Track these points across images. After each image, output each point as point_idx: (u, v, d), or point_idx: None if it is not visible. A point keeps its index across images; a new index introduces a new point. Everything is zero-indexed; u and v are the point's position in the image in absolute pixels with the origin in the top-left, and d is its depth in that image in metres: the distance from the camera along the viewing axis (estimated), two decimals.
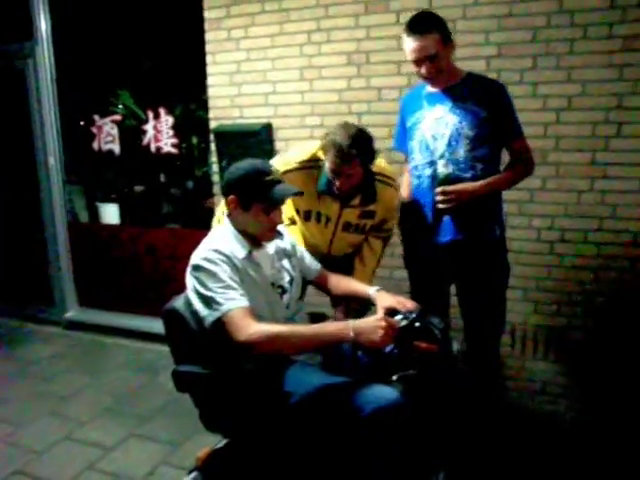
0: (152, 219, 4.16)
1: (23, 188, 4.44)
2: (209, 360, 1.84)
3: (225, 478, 1.99)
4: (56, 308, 4.41)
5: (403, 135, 2.39)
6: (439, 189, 2.15)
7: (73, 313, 4.39)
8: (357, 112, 3.08)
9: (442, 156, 2.19)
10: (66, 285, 4.40)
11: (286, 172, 2.20)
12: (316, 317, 2.26)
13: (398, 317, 1.82)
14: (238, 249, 1.85)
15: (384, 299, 2.01)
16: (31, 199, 4.37)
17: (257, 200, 1.84)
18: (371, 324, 1.68)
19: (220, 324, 1.72)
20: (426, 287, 2.31)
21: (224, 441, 2.09)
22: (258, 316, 1.81)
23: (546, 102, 2.78)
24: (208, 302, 1.75)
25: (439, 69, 2.14)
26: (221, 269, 1.77)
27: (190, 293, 1.84)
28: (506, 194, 2.87)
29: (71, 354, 3.97)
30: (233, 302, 1.72)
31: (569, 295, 2.90)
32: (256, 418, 1.80)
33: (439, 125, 2.20)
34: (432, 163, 2.22)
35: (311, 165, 2.27)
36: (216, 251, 1.80)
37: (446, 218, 2.23)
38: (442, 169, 2.17)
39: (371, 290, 2.12)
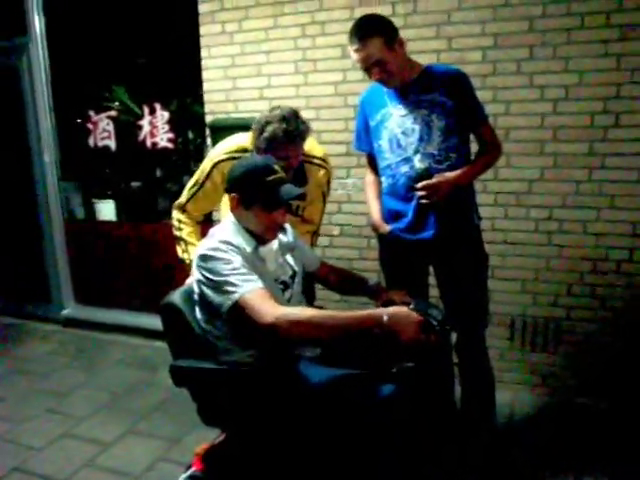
0: (149, 215, 4.13)
1: (19, 186, 4.41)
2: (207, 354, 1.83)
3: (223, 473, 1.98)
4: (53, 305, 4.40)
5: (365, 135, 2.36)
6: (421, 184, 2.12)
7: (70, 310, 4.37)
8: (353, 105, 3.06)
9: (417, 151, 2.16)
10: (63, 282, 4.38)
11: (217, 163, 2.22)
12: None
13: None
14: (245, 244, 1.82)
15: (384, 292, 2.02)
16: (27, 196, 4.34)
17: (258, 200, 1.80)
18: (405, 313, 1.57)
19: (238, 308, 1.62)
20: (406, 283, 2.28)
21: (222, 436, 2.08)
22: None
23: (543, 92, 2.77)
24: (223, 287, 1.66)
25: (389, 72, 2.11)
26: (233, 257, 1.71)
27: (199, 285, 1.77)
28: (504, 185, 2.90)
29: (68, 351, 3.95)
30: (251, 284, 1.64)
31: (568, 286, 2.89)
32: (255, 413, 1.79)
33: (407, 121, 2.18)
34: (407, 160, 2.19)
35: (239, 156, 2.22)
36: (225, 242, 1.75)
37: (429, 212, 2.20)
38: (419, 164, 2.14)
39: (370, 282, 2.12)
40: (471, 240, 2.32)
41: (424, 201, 2.15)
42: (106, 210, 4.24)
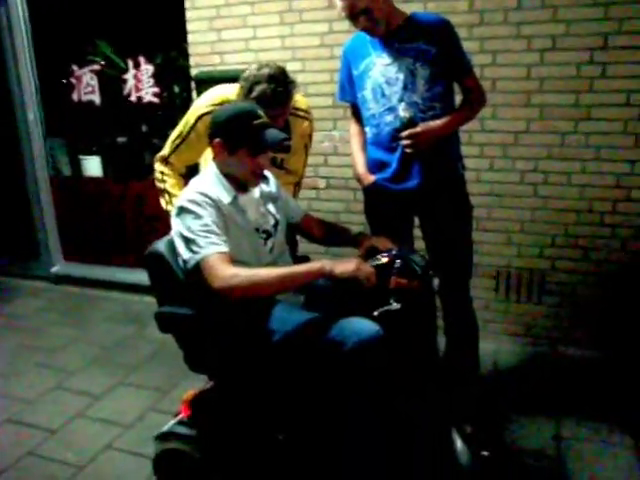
0: (135, 170, 4.10)
1: (3, 143, 4.36)
2: (191, 301, 1.85)
3: (210, 419, 2.02)
4: (42, 263, 4.39)
5: (349, 85, 2.34)
6: (405, 133, 2.11)
7: (59, 267, 4.37)
8: (339, 56, 2.96)
9: (401, 100, 2.14)
10: (51, 240, 4.37)
11: (202, 115, 2.18)
12: (300, 260, 2.28)
13: (379, 255, 1.84)
14: (223, 194, 1.83)
15: (366, 240, 2.03)
16: (12, 154, 4.29)
17: (243, 144, 1.81)
18: (345, 259, 1.73)
19: (199, 269, 1.71)
20: (392, 234, 2.30)
21: (210, 384, 2.12)
22: (242, 261, 1.81)
23: (530, 43, 2.74)
24: (190, 245, 1.74)
25: (375, 20, 2.08)
26: (206, 212, 1.76)
27: (174, 235, 1.82)
28: (490, 137, 2.90)
29: (58, 308, 3.98)
30: (214, 247, 1.71)
31: (552, 238, 2.92)
32: (239, 357, 1.82)
33: (391, 70, 2.15)
34: (392, 109, 2.17)
35: None
36: (202, 194, 1.78)
37: (413, 162, 2.20)
38: (403, 113, 2.11)
39: (354, 232, 2.14)
40: (456, 190, 2.32)
41: (409, 150, 2.14)
42: (92, 166, 4.20)
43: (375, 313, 1.71)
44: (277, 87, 2.00)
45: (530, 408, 2.55)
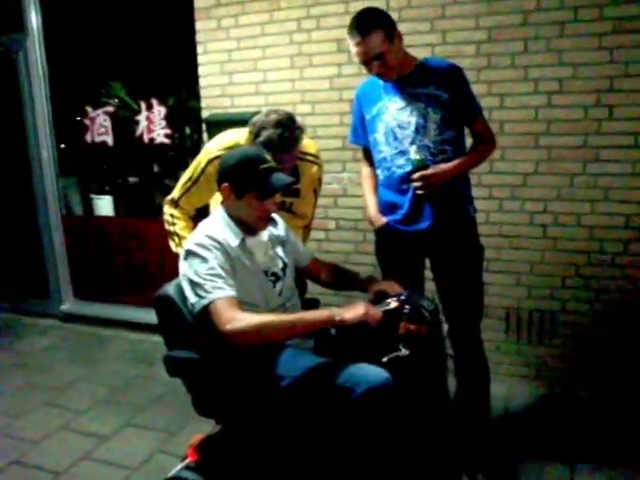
0: (146, 210, 4.15)
1: (17, 181, 4.43)
2: (200, 345, 1.84)
3: (218, 465, 1.99)
4: (52, 301, 4.41)
5: (361, 128, 2.37)
6: (417, 175, 2.13)
7: (69, 305, 4.39)
8: (348, 99, 3.06)
9: (412, 143, 2.17)
10: (62, 278, 4.40)
11: (213, 159, 2.21)
12: (309, 303, 2.28)
13: (388, 300, 1.83)
14: (231, 237, 1.85)
15: (374, 284, 2.03)
16: (25, 192, 4.36)
17: (250, 189, 1.83)
18: (352, 304, 1.74)
19: (206, 313, 1.71)
20: (402, 276, 2.30)
21: (218, 428, 2.10)
22: (251, 304, 1.83)
23: (537, 85, 2.78)
24: (196, 289, 1.74)
25: (388, 66, 2.11)
26: (212, 255, 1.77)
27: (182, 279, 1.84)
28: (499, 179, 2.91)
29: (67, 346, 3.98)
30: (220, 291, 1.71)
31: (563, 279, 2.90)
32: (247, 402, 1.81)
33: (403, 113, 2.18)
34: (403, 152, 2.19)
35: None
36: (209, 237, 1.80)
37: (424, 204, 2.21)
38: (415, 156, 2.13)
39: (362, 276, 2.14)
40: (467, 232, 2.33)
41: (420, 192, 2.16)
42: (104, 205, 4.26)
43: (384, 359, 1.70)
44: (283, 133, 2.03)
45: (543, 453, 2.49)
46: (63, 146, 4.28)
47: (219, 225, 1.88)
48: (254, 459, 1.92)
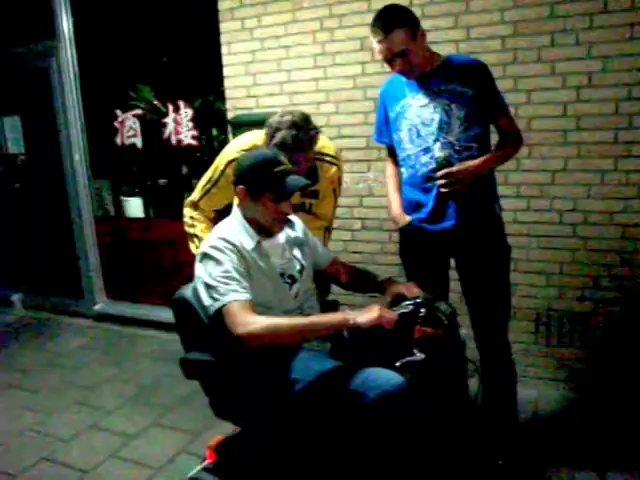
0: (175, 211, 4.18)
1: (51, 183, 4.54)
2: (215, 347, 1.84)
3: (235, 466, 1.99)
4: (85, 301, 4.52)
5: (385, 127, 2.33)
6: (441, 172, 2.08)
7: (102, 305, 4.48)
8: (372, 98, 3.03)
9: (436, 140, 2.12)
10: (94, 278, 4.50)
11: (231, 161, 2.21)
12: (328, 305, 2.26)
13: (405, 303, 1.80)
14: (246, 239, 1.85)
15: (392, 286, 1.99)
16: (59, 194, 4.47)
17: (266, 191, 1.83)
18: (367, 307, 1.71)
19: (220, 316, 1.72)
20: (427, 277, 2.26)
21: (237, 430, 2.10)
22: (266, 306, 1.82)
23: (565, 80, 2.69)
24: (210, 292, 1.75)
25: (411, 63, 2.08)
26: (227, 258, 1.77)
27: (197, 282, 1.85)
28: (527, 177, 2.83)
29: (99, 345, 4.07)
30: (235, 294, 1.71)
31: (595, 280, 2.81)
32: (262, 405, 1.80)
33: (427, 111, 2.14)
34: (427, 150, 2.15)
35: None
36: (224, 239, 1.81)
37: (449, 202, 2.17)
38: (439, 153, 2.09)
39: (381, 278, 2.11)
40: (493, 231, 2.27)
41: (444, 190, 2.12)
42: (134, 207, 4.33)
43: (397, 364, 1.67)
44: (298, 134, 2.02)
45: (573, 459, 2.42)
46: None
47: (235, 228, 1.88)
48: (270, 462, 1.92)
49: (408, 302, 1.79)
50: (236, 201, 2.20)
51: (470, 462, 1.99)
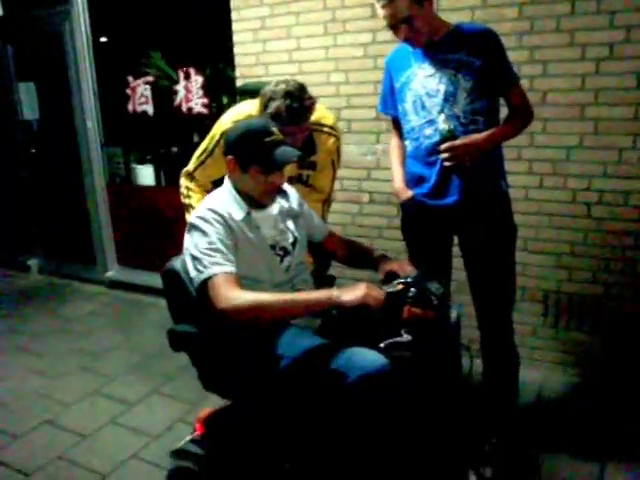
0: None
1: (64, 150, 4.54)
2: (202, 320, 1.81)
3: (222, 438, 1.98)
4: (98, 267, 4.56)
5: (390, 98, 2.24)
6: (444, 145, 1.99)
7: (113, 272, 4.52)
8: (382, 67, 2.88)
9: (441, 112, 2.03)
10: (107, 245, 4.53)
11: (226, 131, 2.12)
12: (324, 280, 2.21)
13: (395, 281, 1.73)
14: (236, 210, 1.80)
15: (386, 263, 1.93)
16: (72, 161, 4.47)
17: (255, 162, 1.77)
18: (353, 284, 1.64)
19: (204, 288, 1.68)
20: (429, 254, 2.19)
21: (227, 402, 2.09)
22: (256, 279, 1.78)
23: (585, 51, 2.55)
24: (196, 264, 1.72)
25: (417, 30, 1.98)
26: (213, 229, 1.73)
27: (184, 253, 1.81)
28: (540, 153, 2.72)
29: (109, 312, 4.11)
30: (218, 267, 1.67)
31: (607, 262, 2.70)
32: (247, 380, 1.78)
33: (432, 81, 2.05)
34: (431, 122, 2.06)
35: None
36: (211, 210, 1.76)
37: (453, 177, 2.08)
38: (443, 125, 1.99)
39: (376, 254, 2.05)
40: (498, 208, 2.18)
41: (447, 163, 2.03)
42: (145, 175, 4.32)
43: (382, 345, 1.61)
44: (292, 103, 1.95)
45: (572, 447, 2.36)
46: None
47: (224, 198, 1.84)
48: (255, 438, 1.90)
49: (398, 281, 1.73)
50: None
51: (461, 442, 1.94)
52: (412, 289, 1.69)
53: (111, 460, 2.44)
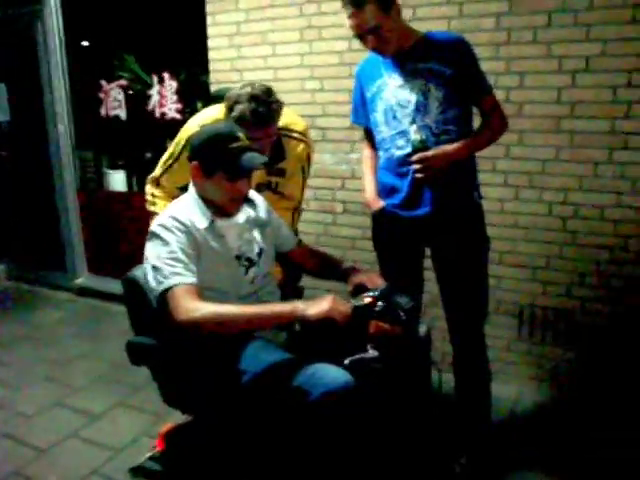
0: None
1: (35, 154, 4.44)
2: (162, 333, 1.74)
3: (182, 455, 1.91)
4: (68, 274, 4.45)
5: (362, 108, 2.20)
6: (416, 157, 1.95)
7: (83, 279, 4.42)
8: None
9: (413, 122, 1.99)
10: (77, 252, 4.42)
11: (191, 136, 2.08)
12: (292, 291, 2.15)
13: (363, 295, 1.68)
14: (199, 218, 1.74)
15: (355, 275, 1.88)
16: (42, 165, 4.38)
17: (219, 168, 1.71)
18: (318, 297, 1.58)
19: (164, 299, 1.61)
20: (400, 266, 2.14)
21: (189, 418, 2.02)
22: (219, 290, 1.72)
23: (561, 64, 2.52)
24: (156, 274, 1.65)
25: (385, 40, 1.94)
26: (175, 238, 1.67)
27: (145, 262, 1.74)
28: (515, 165, 2.69)
29: (78, 320, 4.00)
30: (179, 277, 1.61)
31: (582, 276, 2.67)
32: (208, 395, 1.71)
33: (403, 92, 2.01)
34: (403, 133, 2.02)
35: None
36: (173, 218, 1.70)
37: (425, 188, 2.03)
38: (415, 136, 1.95)
39: (345, 265, 2.00)
40: (471, 220, 2.14)
41: (418, 175, 1.99)
42: (117, 180, 4.24)
43: (346, 361, 1.55)
44: (258, 107, 1.89)
45: (544, 466, 2.30)
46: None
47: (188, 206, 1.77)
48: (217, 453, 1.83)
49: (367, 294, 1.67)
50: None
51: (429, 461, 1.89)
52: (380, 303, 1.64)
53: (70, 476, 2.33)
